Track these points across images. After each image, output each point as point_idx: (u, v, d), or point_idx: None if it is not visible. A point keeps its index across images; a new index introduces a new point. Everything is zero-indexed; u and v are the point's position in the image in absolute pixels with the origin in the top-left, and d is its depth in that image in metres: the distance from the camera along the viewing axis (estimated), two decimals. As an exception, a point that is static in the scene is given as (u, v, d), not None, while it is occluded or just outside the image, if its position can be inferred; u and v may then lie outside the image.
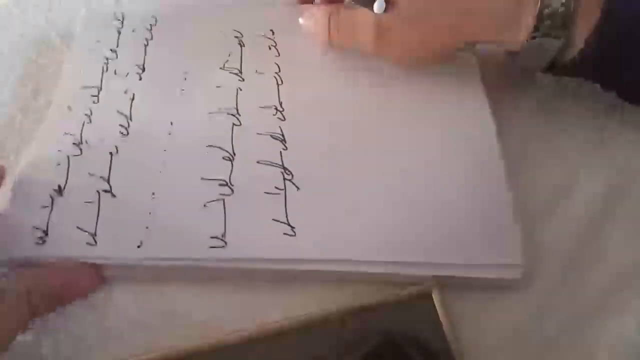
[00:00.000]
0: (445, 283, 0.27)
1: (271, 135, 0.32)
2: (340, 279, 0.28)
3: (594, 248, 0.30)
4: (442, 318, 0.27)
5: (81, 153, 0.31)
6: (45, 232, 0.28)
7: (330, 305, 0.27)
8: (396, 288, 0.27)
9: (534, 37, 0.29)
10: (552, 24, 0.28)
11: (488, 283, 0.27)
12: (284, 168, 0.30)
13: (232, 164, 0.30)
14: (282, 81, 0.34)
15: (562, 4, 0.28)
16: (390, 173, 0.30)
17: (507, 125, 0.33)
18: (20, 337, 0.26)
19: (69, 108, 0.33)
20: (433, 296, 0.27)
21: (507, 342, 0.27)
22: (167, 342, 0.26)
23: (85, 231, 0.28)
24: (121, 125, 0.32)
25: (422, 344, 0.26)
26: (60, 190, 0.29)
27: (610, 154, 0.33)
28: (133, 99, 0.33)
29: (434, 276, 0.27)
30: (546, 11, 0.28)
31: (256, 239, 0.28)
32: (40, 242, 0.28)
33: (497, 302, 0.28)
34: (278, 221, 0.28)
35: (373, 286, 0.28)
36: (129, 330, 0.27)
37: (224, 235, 0.28)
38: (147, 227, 0.28)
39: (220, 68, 0.35)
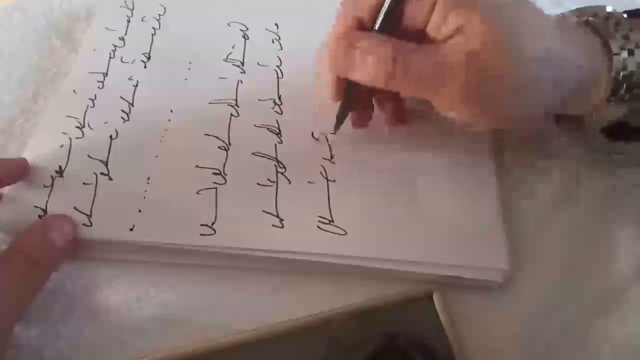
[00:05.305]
0: (445, 283, 0.28)
1: (267, 128, 0.32)
2: (327, 271, 0.28)
3: (596, 249, 0.30)
4: (443, 319, 0.27)
5: (83, 136, 0.32)
6: (45, 211, 0.29)
7: (332, 307, 0.27)
8: (398, 290, 0.28)
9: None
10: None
11: (473, 284, 0.28)
12: (278, 161, 0.31)
13: (227, 154, 0.31)
14: (282, 75, 0.35)
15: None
16: (385, 173, 0.30)
17: (508, 129, 0.33)
18: (23, 341, 0.27)
19: (75, 92, 0.34)
20: (434, 298, 0.27)
21: (510, 343, 0.27)
22: (168, 344, 0.26)
23: (82, 212, 0.29)
24: (123, 111, 0.33)
25: (423, 345, 0.26)
26: (60, 171, 0.30)
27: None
28: (137, 85, 0.34)
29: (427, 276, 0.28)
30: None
31: (245, 229, 0.28)
32: None
33: (498, 304, 0.28)
34: (268, 213, 0.29)
35: (375, 288, 0.28)
36: (130, 333, 0.27)
37: (214, 223, 0.28)
38: (139, 211, 0.29)
39: (224, 60, 0.36)
